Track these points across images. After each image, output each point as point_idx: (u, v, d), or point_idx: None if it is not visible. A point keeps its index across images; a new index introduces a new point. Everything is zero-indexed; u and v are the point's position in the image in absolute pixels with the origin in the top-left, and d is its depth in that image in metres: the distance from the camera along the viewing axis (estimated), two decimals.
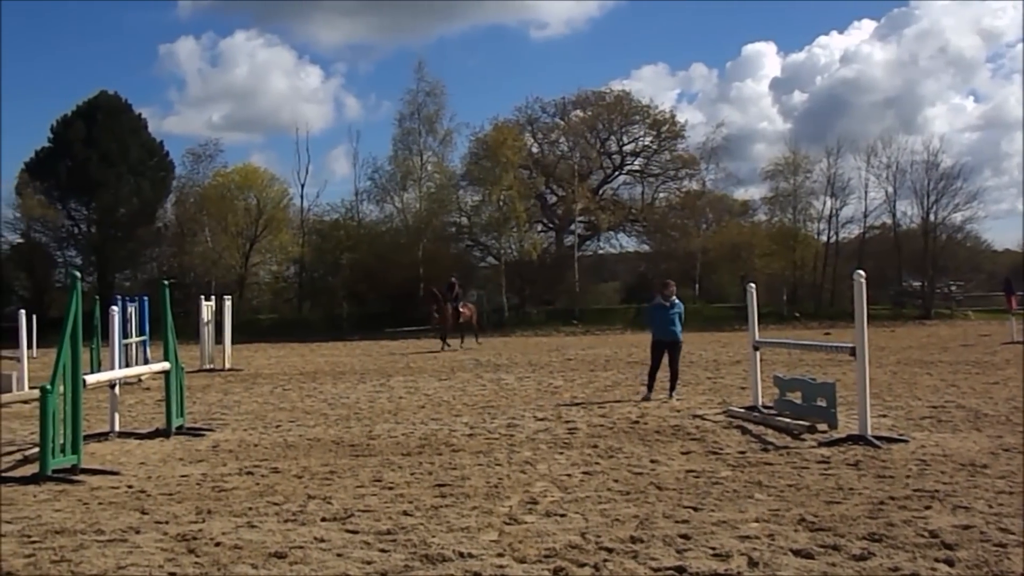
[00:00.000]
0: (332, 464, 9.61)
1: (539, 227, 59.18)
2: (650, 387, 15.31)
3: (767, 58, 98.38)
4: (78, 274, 10.16)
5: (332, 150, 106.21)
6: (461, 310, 33.74)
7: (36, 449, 9.52)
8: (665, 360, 15.45)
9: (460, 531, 6.57)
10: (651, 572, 5.52)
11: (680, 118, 62.05)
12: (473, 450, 10.32)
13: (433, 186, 55.86)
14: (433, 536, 6.41)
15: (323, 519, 7.03)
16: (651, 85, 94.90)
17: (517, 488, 8.07)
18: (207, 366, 24.60)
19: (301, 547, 6.20)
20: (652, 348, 15.72)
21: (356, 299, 55.41)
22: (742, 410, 12.89)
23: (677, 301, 15.72)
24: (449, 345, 32.97)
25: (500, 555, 5.92)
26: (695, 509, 7.11)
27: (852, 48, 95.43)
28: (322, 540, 6.40)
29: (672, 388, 15.26)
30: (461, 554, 5.93)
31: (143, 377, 17.92)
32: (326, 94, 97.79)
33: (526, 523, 6.78)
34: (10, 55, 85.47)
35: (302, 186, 57.47)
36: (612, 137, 60.90)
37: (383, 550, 6.11)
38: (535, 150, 59.55)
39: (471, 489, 8.06)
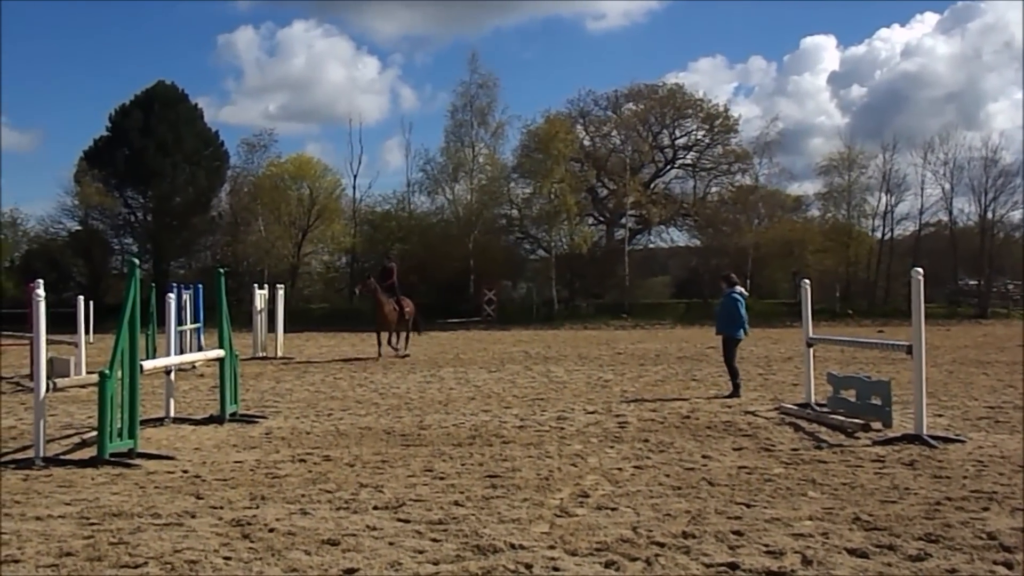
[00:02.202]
0: (383, 453, 9.66)
1: (590, 220, 59.00)
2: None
3: (826, 51, 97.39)
4: (136, 261, 10.30)
5: (386, 141, 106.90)
6: (402, 304, 25.52)
7: (94, 433, 9.66)
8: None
9: (511, 522, 6.58)
10: (703, 568, 5.49)
11: (736, 112, 61.59)
12: (524, 442, 10.33)
13: (484, 178, 55.91)
14: (484, 527, 6.43)
15: (375, 507, 7.08)
16: (708, 78, 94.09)
17: (568, 481, 8.06)
18: (260, 354, 24.83)
19: (354, 535, 6.25)
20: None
21: (407, 290, 55.45)
22: (795, 407, 12.77)
23: (732, 294, 15.52)
24: (395, 348, 25.36)
25: (551, 547, 5.92)
26: (747, 506, 7.06)
27: (914, 42, 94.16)
28: (374, 528, 6.44)
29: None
30: (512, 545, 5.94)
31: (198, 364, 18.15)
32: (383, 85, 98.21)
33: (577, 516, 6.77)
34: (70, 45, 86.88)
35: (355, 177, 57.88)
36: (664, 131, 60.51)
37: (435, 540, 6.13)
38: (587, 143, 59.33)
39: (522, 481, 8.07)
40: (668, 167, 60.83)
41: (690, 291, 55.36)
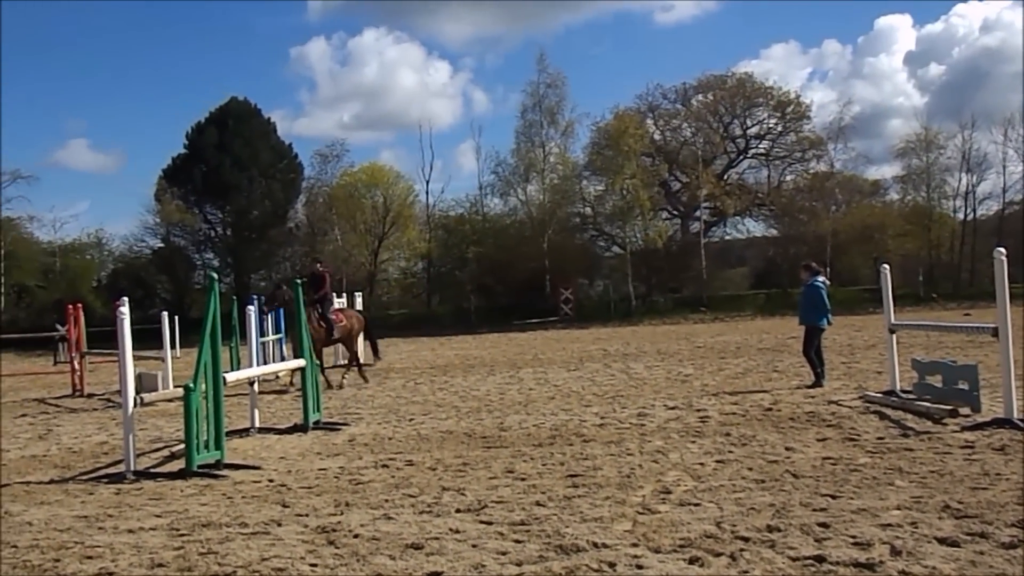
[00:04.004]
0: (465, 456, 9.71)
1: (664, 214, 58.63)
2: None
3: (901, 31, 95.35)
4: (215, 275, 10.49)
5: (459, 145, 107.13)
6: (333, 319, 19.13)
7: (182, 445, 9.86)
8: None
9: (593, 521, 6.57)
10: (789, 562, 5.42)
11: (808, 98, 60.99)
12: (604, 440, 10.30)
13: (556, 177, 55.94)
14: (567, 526, 6.43)
15: (457, 510, 7.12)
16: (781, 64, 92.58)
17: (649, 478, 8.02)
18: (340, 362, 25.08)
19: (437, 538, 6.29)
20: None
21: (483, 292, 55.88)
22: (879, 395, 12.55)
23: (814, 282, 15.29)
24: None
25: (634, 545, 5.90)
26: (833, 497, 6.96)
27: (992, 16, 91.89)
28: (457, 531, 6.47)
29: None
30: (595, 544, 5.92)
31: (280, 374, 18.42)
32: (454, 89, 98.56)
33: (660, 512, 6.73)
34: (146, 66, 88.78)
35: (427, 182, 58.43)
36: (735, 121, 59.94)
37: (517, 541, 6.15)
38: (657, 137, 59.01)
39: (603, 479, 8.05)
40: (741, 157, 60.25)
41: (769, 281, 54.68)
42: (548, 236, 53.38)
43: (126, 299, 10.50)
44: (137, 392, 10.20)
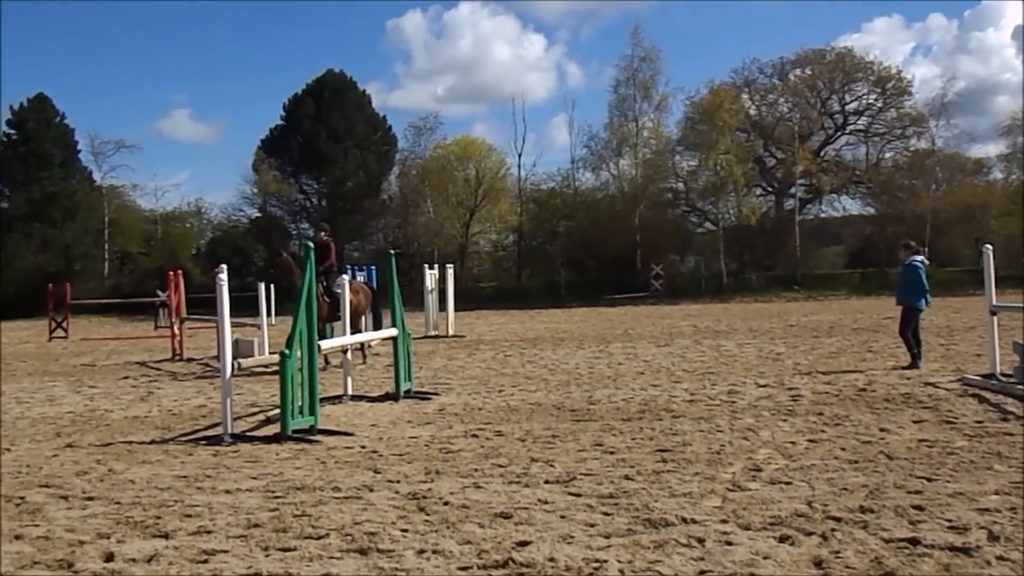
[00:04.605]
0: (554, 428, 9.75)
1: (758, 191, 57.75)
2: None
3: (1010, 5, 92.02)
4: (311, 244, 10.64)
5: (552, 119, 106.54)
6: (339, 293, 15.14)
7: (277, 411, 10.07)
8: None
9: (682, 496, 6.56)
10: (883, 543, 5.34)
11: (912, 73, 59.34)
12: (694, 416, 10.25)
13: (649, 152, 55.53)
14: (655, 501, 6.43)
15: (546, 481, 7.16)
16: (884, 39, 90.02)
17: (740, 455, 7.97)
18: (431, 332, 25.36)
19: (526, 508, 6.34)
20: None
21: (574, 266, 55.84)
22: (978, 378, 12.25)
23: (913, 262, 14.95)
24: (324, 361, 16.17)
25: (724, 521, 5.87)
26: (929, 480, 6.83)
27: None
28: (546, 502, 6.51)
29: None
30: (684, 519, 5.91)
31: (372, 343, 18.67)
32: (549, 62, 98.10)
33: (750, 490, 6.69)
34: (246, 39, 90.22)
35: (519, 156, 58.47)
36: (834, 96, 58.59)
37: (606, 513, 6.16)
38: (752, 112, 58.01)
39: (692, 455, 8.02)
40: (838, 134, 58.92)
41: (865, 260, 53.54)
42: (640, 211, 53.05)
43: (225, 266, 10.73)
44: (234, 357, 10.44)
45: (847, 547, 5.28)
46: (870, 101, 58.22)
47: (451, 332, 25.54)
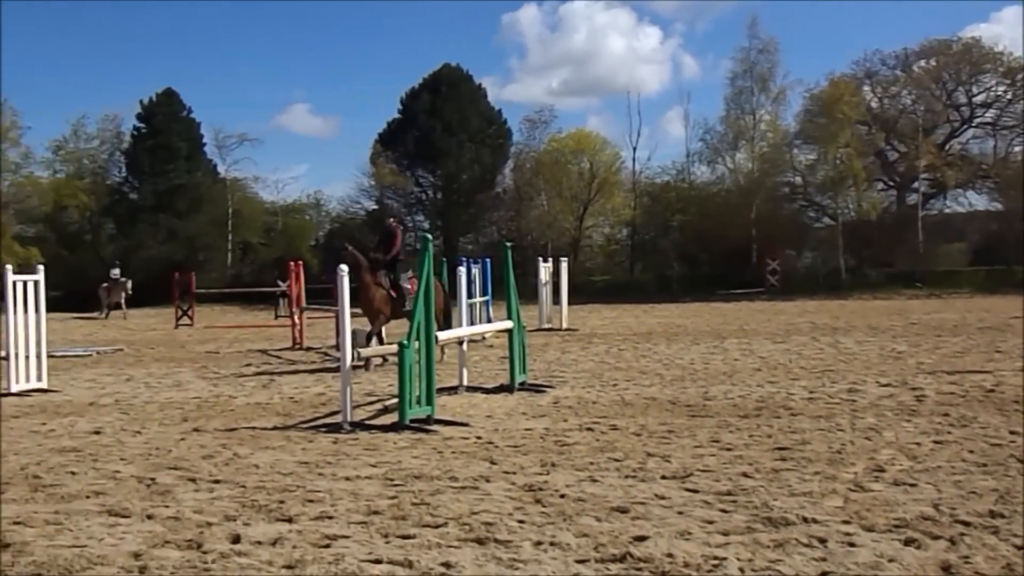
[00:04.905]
0: (669, 423, 9.69)
1: (879, 185, 56.26)
2: None
3: None
4: (429, 236, 10.78)
5: (666, 112, 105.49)
6: (408, 288, 16.30)
7: (394, 400, 10.22)
8: None
9: (802, 495, 6.44)
10: (1014, 550, 5.17)
11: None
12: (813, 414, 10.06)
13: (766, 145, 54.68)
14: (775, 499, 6.33)
15: (663, 477, 7.12)
16: (1013, 28, 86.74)
17: (861, 455, 7.80)
18: (545, 325, 25.43)
19: (642, 503, 6.31)
20: None
21: (687, 261, 55.35)
22: None
23: None
24: (365, 364, 14.98)
25: (846, 522, 5.76)
26: None
27: None
28: (662, 497, 6.48)
29: None
30: (805, 519, 5.81)
31: (487, 335, 18.82)
32: (664, 55, 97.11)
33: (873, 491, 6.54)
34: (363, 35, 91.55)
35: (634, 149, 58.19)
36: (960, 88, 56.64)
37: (724, 511, 6.10)
38: (874, 105, 56.48)
39: (812, 454, 7.88)
40: (964, 127, 56.96)
41: (990, 258, 51.72)
42: (756, 205, 52.28)
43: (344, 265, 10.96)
44: (353, 347, 10.62)
45: (976, 552, 5.13)
46: (999, 93, 56.15)
47: (564, 325, 25.55)
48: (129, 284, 39.02)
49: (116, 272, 39.89)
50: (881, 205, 54.30)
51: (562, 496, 6.56)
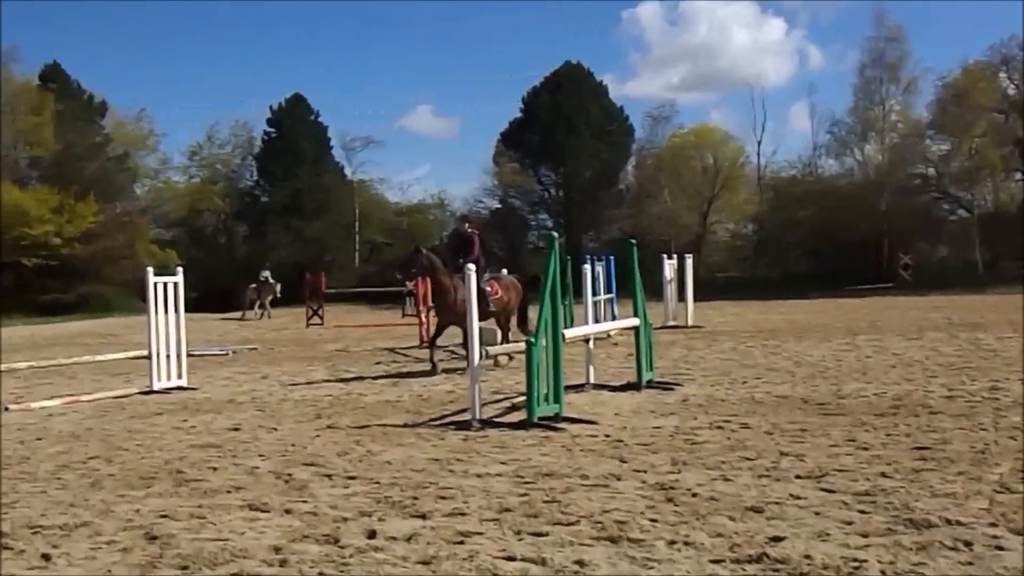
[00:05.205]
0: (802, 422, 9.50)
1: (1017, 176, 54.28)
2: None
3: None
4: (555, 234, 10.78)
5: (792, 104, 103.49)
6: (488, 290, 15.94)
7: (522, 398, 10.27)
8: None
9: (945, 497, 6.24)
10: None
11: None
12: (953, 413, 9.73)
13: (896, 136, 53.35)
14: (916, 500, 6.15)
15: (797, 476, 6.98)
16: None
17: (1007, 455, 7.51)
18: (670, 323, 25.21)
19: (777, 503, 6.20)
20: None
21: (814, 256, 54.32)
22: None
23: None
24: (434, 366, 15.55)
25: (992, 524, 5.55)
26: None
27: None
28: (798, 497, 6.35)
29: None
30: (948, 521, 5.63)
31: (612, 333, 18.76)
32: (788, 46, 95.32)
33: (1020, 492, 6.29)
34: (484, 35, 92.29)
35: (758, 143, 57.43)
36: None
37: (863, 511, 5.95)
38: (1011, 92, 54.43)
39: (954, 453, 7.62)
40: None
41: None
42: (886, 198, 50.96)
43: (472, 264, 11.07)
44: (481, 345, 10.70)
45: None
46: None
47: (690, 322, 25.30)
48: (278, 287, 40.15)
49: (267, 274, 41.11)
50: (1020, 197, 52.29)
51: (694, 495, 6.50)
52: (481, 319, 15.73)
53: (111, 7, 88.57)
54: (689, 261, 26.96)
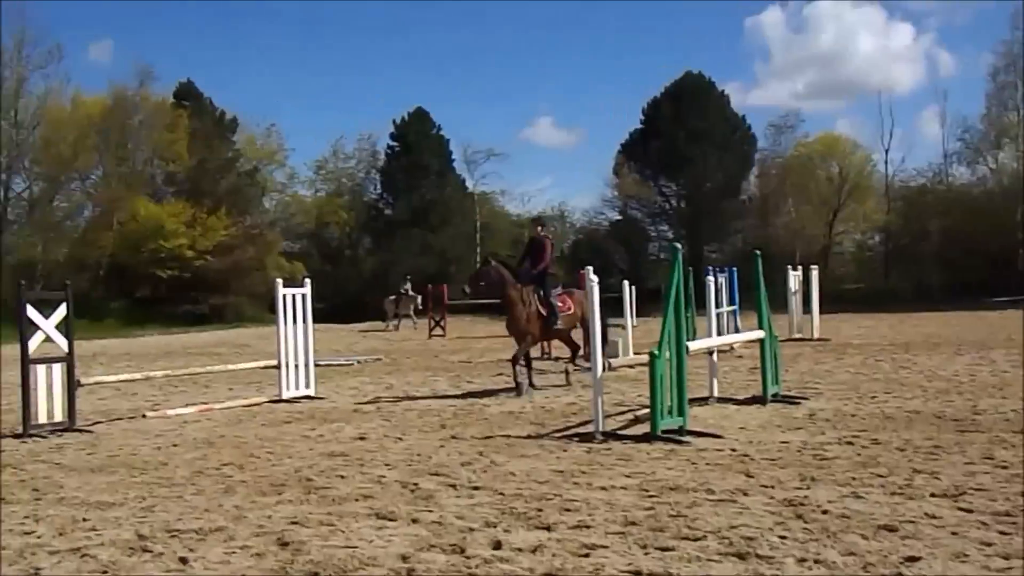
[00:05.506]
0: (935, 438, 9.21)
1: None
2: None
3: None
4: (679, 246, 10.71)
5: (921, 111, 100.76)
6: (558, 304, 15.06)
7: (645, 410, 10.20)
8: None
9: None
10: None
11: None
12: None
13: None
14: None
15: (932, 495, 6.77)
16: None
17: None
18: (796, 335, 24.74)
19: (912, 522, 6.03)
20: None
21: (947, 267, 52.64)
22: None
23: None
24: (522, 382, 14.66)
25: None
26: None
27: None
28: (933, 516, 6.16)
29: None
30: None
31: (736, 345, 18.51)
32: (917, 52, 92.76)
33: None
34: (605, 46, 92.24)
35: (886, 151, 56.09)
36: None
37: (1003, 532, 5.74)
38: None
39: None
40: None
41: None
42: (1022, 207, 49.14)
43: (591, 268, 11.08)
44: (604, 357, 10.68)
45: None
46: None
47: (816, 335, 24.79)
48: (419, 299, 40.72)
49: (407, 287, 41.77)
50: None
51: (824, 512, 6.36)
52: (544, 337, 16.19)
53: (241, 28, 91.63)
54: (815, 272, 26.43)
